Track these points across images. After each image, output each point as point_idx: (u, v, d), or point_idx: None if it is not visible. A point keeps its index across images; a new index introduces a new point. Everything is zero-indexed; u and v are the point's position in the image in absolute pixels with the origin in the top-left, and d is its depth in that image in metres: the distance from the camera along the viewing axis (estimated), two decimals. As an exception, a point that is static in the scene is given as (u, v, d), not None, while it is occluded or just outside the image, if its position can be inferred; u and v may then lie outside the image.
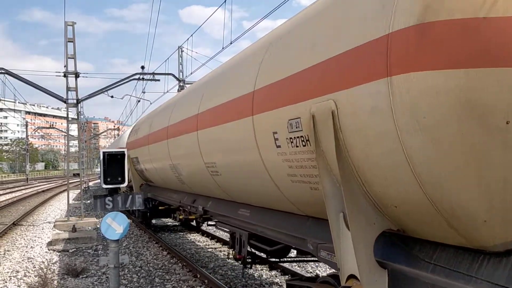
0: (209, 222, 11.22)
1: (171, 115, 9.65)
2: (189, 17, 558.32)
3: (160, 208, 15.00)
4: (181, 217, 11.64)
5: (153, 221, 18.51)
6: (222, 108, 6.15)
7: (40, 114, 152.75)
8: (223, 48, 15.02)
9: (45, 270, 10.52)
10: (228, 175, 6.52)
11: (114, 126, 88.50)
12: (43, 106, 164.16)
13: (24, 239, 15.89)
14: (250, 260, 7.37)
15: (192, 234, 16.74)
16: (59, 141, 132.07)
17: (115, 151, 7.24)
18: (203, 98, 7.36)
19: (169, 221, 20.23)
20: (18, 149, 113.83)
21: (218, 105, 6.39)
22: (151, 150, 11.74)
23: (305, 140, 3.91)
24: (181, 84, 21.99)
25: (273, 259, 7.61)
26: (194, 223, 16.67)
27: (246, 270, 9.68)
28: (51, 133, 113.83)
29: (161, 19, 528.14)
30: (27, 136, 70.49)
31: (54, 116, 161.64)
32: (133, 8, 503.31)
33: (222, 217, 7.95)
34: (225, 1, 13.82)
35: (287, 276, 9.90)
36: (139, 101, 29.85)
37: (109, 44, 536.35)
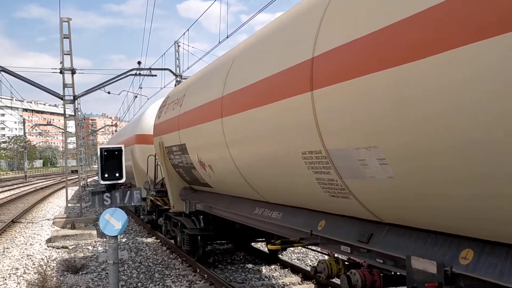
0: None
1: (321, 31, 3.98)
2: (187, 12, 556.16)
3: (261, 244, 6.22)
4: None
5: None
6: None
7: (38, 111, 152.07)
8: (219, 42, 15.03)
9: (44, 267, 10.53)
10: None
11: (112, 122, 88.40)
12: (40, 103, 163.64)
13: (23, 236, 15.88)
14: None
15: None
16: (57, 138, 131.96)
17: (112, 147, 7.25)
18: None
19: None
20: (16, 147, 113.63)
21: None
22: (229, 125, 6.04)
23: None
24: (178, 79, 21.93)
25: None
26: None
27: None
28: (48, 130, 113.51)
29: (159, 13, 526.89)
30: (24, 133, 70.27)
31: (51, 113, 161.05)
32: (131, 3, 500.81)
33: None
34: (221, -5, 13.76)
35: (286, 270, 9.91)
36: (136, 96, 29.98)
37: (106, 40, 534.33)
